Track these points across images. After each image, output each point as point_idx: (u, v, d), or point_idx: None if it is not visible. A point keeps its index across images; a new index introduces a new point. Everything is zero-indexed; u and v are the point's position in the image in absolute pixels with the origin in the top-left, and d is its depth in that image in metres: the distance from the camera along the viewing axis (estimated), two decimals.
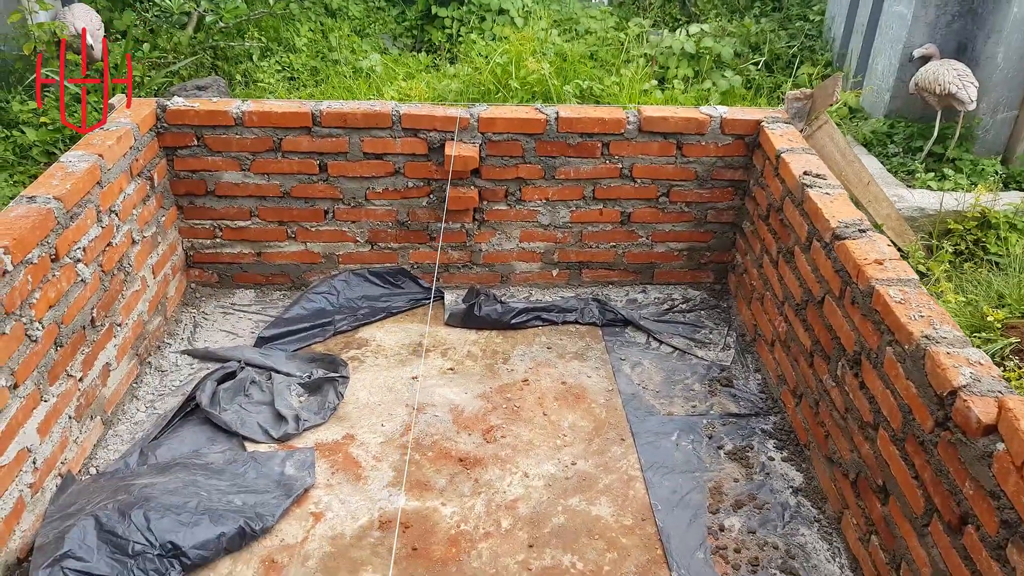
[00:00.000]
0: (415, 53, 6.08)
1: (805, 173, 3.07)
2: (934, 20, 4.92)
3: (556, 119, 3.46)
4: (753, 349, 3.53)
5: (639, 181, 3.65)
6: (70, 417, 2.56)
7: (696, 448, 2.99)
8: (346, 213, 3.63)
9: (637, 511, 2.67)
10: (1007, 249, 4.02)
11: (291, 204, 3.58)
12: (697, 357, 3.49)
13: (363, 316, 3.59)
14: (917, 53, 4.82)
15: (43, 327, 2.39)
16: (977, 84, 4.53)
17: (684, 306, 3.82)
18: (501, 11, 6.07)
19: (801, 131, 3.61)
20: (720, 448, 3.00)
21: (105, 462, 2.71)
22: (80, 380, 2.63)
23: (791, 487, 2.85)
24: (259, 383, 3.06)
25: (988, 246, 4.13)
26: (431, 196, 3.61)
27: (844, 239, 2.66)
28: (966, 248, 4.20)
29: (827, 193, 2.94)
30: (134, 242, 3.09)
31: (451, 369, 3.32)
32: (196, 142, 3.40)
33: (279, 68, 5.41)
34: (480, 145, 3.48)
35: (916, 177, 4.56)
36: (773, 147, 3.34)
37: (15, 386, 2.24)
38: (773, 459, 2.97)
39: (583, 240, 3.78)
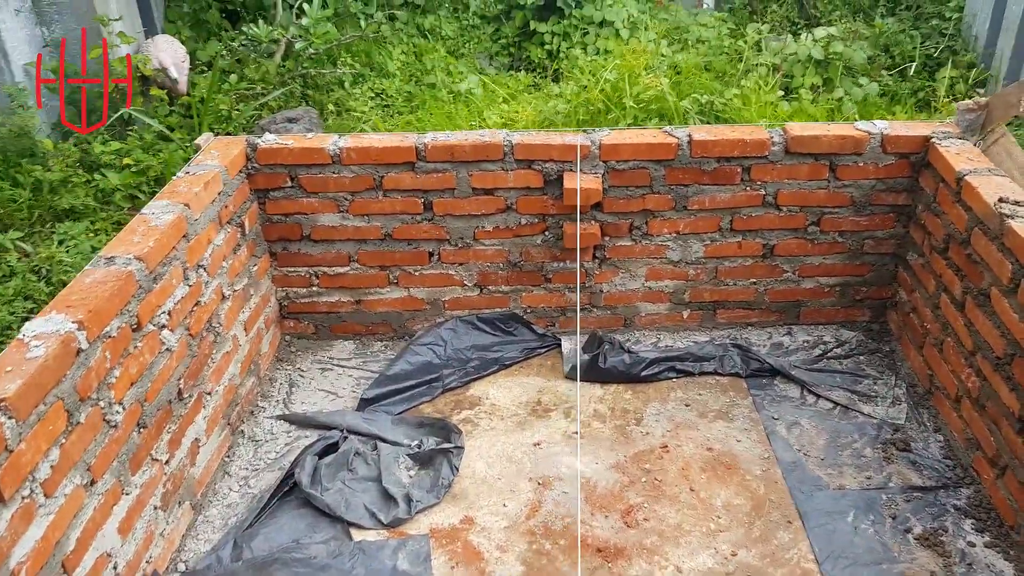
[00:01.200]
0: (513, 72, 5.74)
1: (1002, 200, 2.54)
2: None
3: (689, 143, 3.02)
4: (929, 404, 2.99)
5: (784, 209, 3.18)
6: (155, 508, 2.26)
7: (879, 532, 2.49)
8: (453, 255, 3.28)
9: None
10: None
11: (393, 247, 3.26)
12: (863, 414, 2.97)
13: (474, 369, 3.23)
14: None
15: (124, 408, 2.10)
16: None
17: (839, 351, 3.31)
18: (604, 23, 5.66)
19: (975, 146, 3.07)
20: (908, 531, 2.49)
21: (195, 555, 2.40)
22: (166, 463, 2.34)
23: None
24: (364, 455, 2.72)
25: None
26: (546, 233, 3.23)
27: None
28: None
29: None
30: (224, 298, 2.80)
31: (577, 433, 2.91)
32: (290, 183, 3.11)
33: (372, 95, 5.15)
34: (602, 175, 3.07)
35: None
36: (950, 167, 2.82)
37: (92, 482, 1.94)
38: (974, 545, 2.45)
39: (718, 277, 3.33)
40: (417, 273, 3.33)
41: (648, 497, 2.61)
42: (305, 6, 5.44)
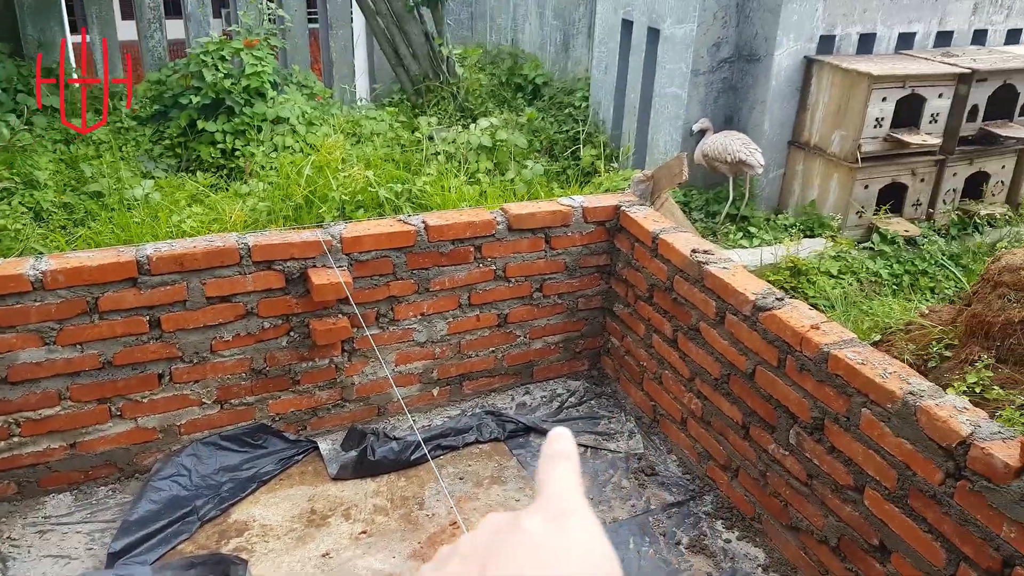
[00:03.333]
0: (185, 174, 5.41)
1: (694, 251, 3.06)
2: (704, 97, 5.38)
3: (426, 228, 3.16)
4: (658, 430, 3.43)
5: (513, 280, 3.45)
6: None
7: (658, 551, 2.78)
8: (187, 373, 3.00)
9: None
10: (824, 291, 4.38)
11: (115, 375, 2.88)
12: (610, 451, 3.31)
13: (229, 493, 2.96)
14: (696, 127, 5.22)
15: None
16: (760, 150, 4.98)
17: (572, 399, 3.65)
18: (279, 120, 5.62)
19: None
20: (678, 544, 2.83)
21: None
22: None
23: (759, 565, 2.75)
24: None
25: (806, 291, 4.47)
26: (291, 334, 3.11)
27: (769, 310, 2.66)
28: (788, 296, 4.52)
29: (725, 267, 2.94)
30: None
31: (364, 532, 2.81)
32: None
33: (25, 208, 4.47)
34: (348, 267, 3.07)
35: (730, 238, 4.86)
36: (644, 229, 3.32)
37: None
38: (729, 541, 2.86)
39: (462, 351, 3.48)
40: (146, 400, 2.97)
41: None
42: None
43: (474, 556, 0.46)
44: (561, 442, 0.55)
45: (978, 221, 5.52)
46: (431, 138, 5.65)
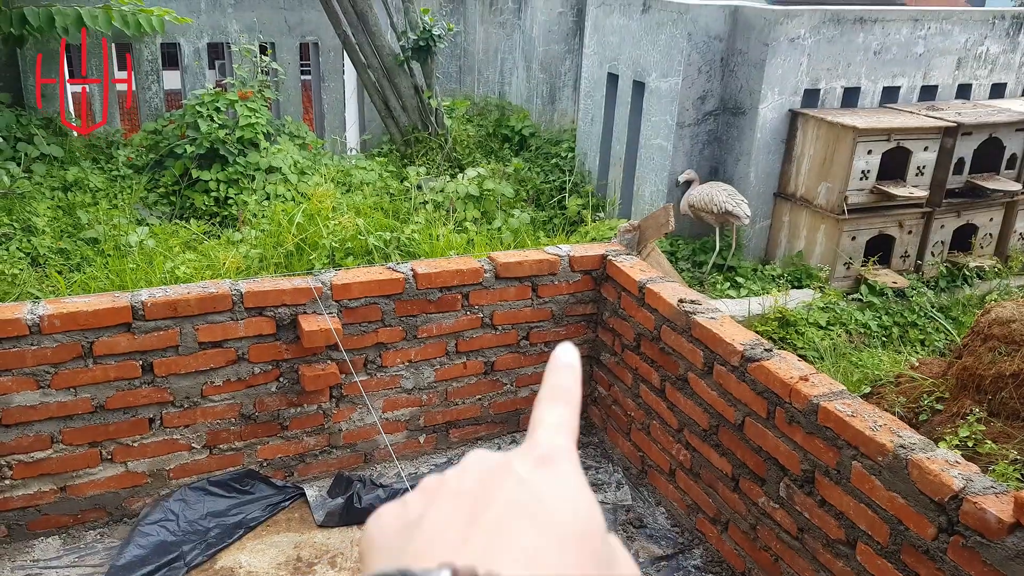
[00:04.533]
0: (179, 221, 5.47)
1: (681, 301, 3.12)
2: (690, 148, 5.51)
3: (414, 276, 3.22)
4: (646, 481, 3.44)
5: (500, 328, 3.49)
6: None
7: None
8: (178, 417, 3.01)
9: None
10: (812, 342, 4.44)
11: (106, 419, 2.89)
12: (598, 503, 3.31)
13: (216, 539, 2.95)
14: (682, 178, 5.33)
15: None
16: (746, 201, 5.09)
17: None
18: (271, 169, 5.72)
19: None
20: None
21: None
22: None
23: None
24: None
25: (795, 342, 4.53)
26: (281, 379, 3.14)
27: (758, 360, 2.70)
28: (777, 348, 4.57)
29: (712, 318, 3.00)
30: None
31: None
32: None
33: (22, 254, 4.51)
34: (337, 314, 3.11)
35: (717, 288, 4.94)
36: (631, 279, 3.38)
37: None
38: None
39: (448, 399, 3.51)
40: (136, 444, 2.98)
41: None
42: None
43: (465, 495, 0.45)
44: (567, 357, 0.54)
45: (967, 273, 5.61)
46: (420, 187, 5.74)
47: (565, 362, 0.54)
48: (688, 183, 5.35)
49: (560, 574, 0.40)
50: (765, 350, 2.75)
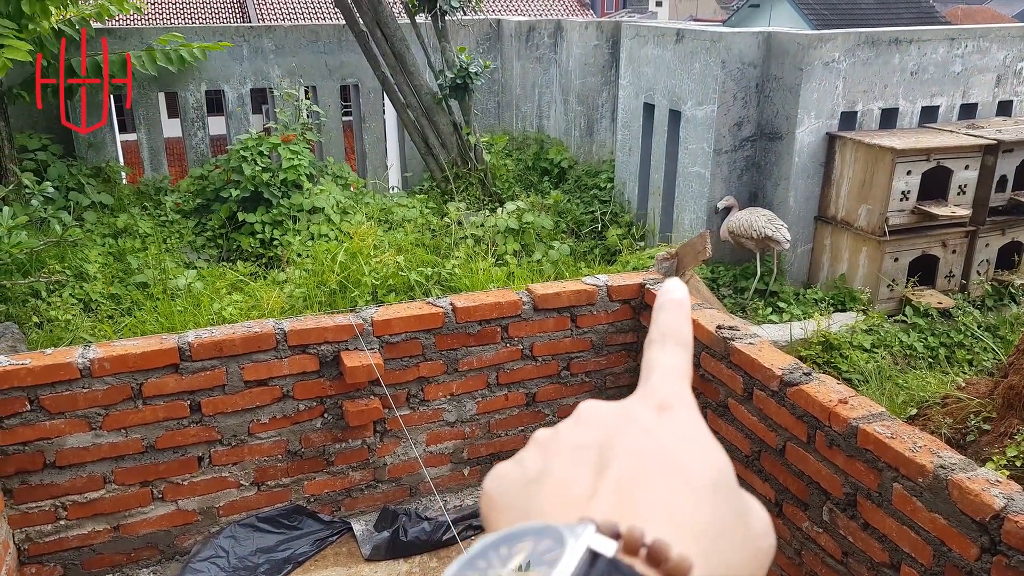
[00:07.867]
0: (226, 263, 5.63)
1: (719, 327, 3.10)
2: (727, 175, 5.50)
3: (453, 310, 3.26)
4: None
5: (540, 359, 3.51)
6: None
7: None
8: (226, 455, 3.08)
9: None
10: (857, 366, 4.36)
11: (156, 458, 2.97)
12: None
13: (266, 574, 2.99)
14: (721, 205, 5.32)
15: None
16: (786, 225, 5.05)
17: None
18: (315, 210, 5.86)
19: None
20: None
21: None
22: None
23: None
24: None
25: (839, 365, 4.46)
26: (325, 415, 3.19)
27: (797, 384, 2.67)
28: (820, 371, 4.50)
29: (751, 343, 2.98)
30: None
31: None
32: (29, 407, 2.74)
33: (75, 300, 4.69)
34: (379, 350, 3.16)
35: (759, 313, 4.89)
36: None
37: None
38: None
39: (491, 431, 3.52)
40: (186, 483, 3.05)
41: None
42: None
43: (587, 448, 0.41)
44: (675, 293, 0.49)
45: (1013, 291, 5.48)
46: (460, 223, 5.82)
47: (674, 298, 0.49)
48: (727, 209, 5.34)
49: (699, 524, 0.38)
50: (804, 374, 2.72)
